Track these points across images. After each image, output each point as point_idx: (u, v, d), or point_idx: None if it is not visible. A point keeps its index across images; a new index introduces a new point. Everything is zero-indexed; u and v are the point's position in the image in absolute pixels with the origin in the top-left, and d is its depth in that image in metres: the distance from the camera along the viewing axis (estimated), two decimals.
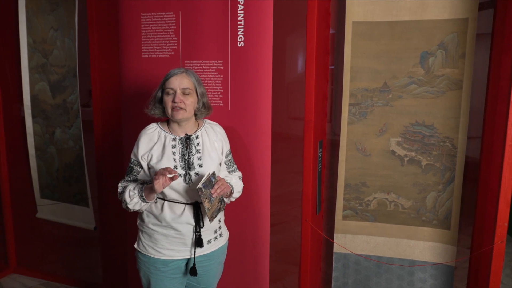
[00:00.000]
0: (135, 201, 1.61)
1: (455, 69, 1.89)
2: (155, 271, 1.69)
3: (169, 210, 1.64)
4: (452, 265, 2.03)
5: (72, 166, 2.72)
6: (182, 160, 1.64)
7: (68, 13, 2.53)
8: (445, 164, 1.98)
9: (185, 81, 1.61)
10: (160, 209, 1.65)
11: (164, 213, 1.64)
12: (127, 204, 1.64)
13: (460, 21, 1.85)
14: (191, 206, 1.66)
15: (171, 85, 1.60)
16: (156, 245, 1.67)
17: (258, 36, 1.95)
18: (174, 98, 1.59)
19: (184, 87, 1.61)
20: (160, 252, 1.67)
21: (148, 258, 1.69)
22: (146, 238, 1.69)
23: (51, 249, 3.02)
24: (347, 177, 2.13)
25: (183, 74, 1.62)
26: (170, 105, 1.61)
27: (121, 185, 1.70)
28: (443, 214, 2.02)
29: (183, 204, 1.65)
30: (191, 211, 1.65)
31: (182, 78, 1.61)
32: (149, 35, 2.13)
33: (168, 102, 1.61)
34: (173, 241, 1.66)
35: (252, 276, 2.17)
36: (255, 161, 2.06)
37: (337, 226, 2.19)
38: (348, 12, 1.99)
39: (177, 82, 1.60)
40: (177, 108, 1.60)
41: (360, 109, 2.06)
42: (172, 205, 1.65)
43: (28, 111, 2.79)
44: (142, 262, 1.71)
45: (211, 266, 1.75)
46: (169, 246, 1.67)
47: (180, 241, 1.66)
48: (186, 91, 1.61)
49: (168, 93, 1.61)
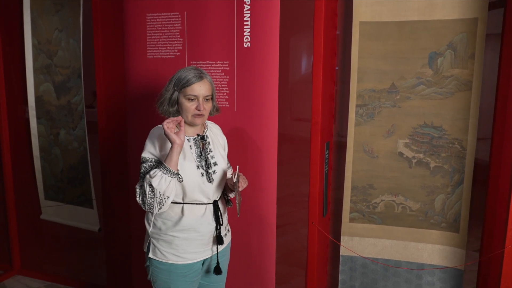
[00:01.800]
0: (158, 175, 1.48)
1: (464, 70, 1.87)
2: (177, 277, 1.65)
3: (190, 213, 1.62)
4: (461, 268, 2.00)
5: (77, 168, 2.70)
6: (199, 159, 1.64)
7: (72, 14, 2.52)
8: (454, 166, 1.95)
9: (207, 88, 1.61)
10: (181, 213, 1.62)
11: (185, 217, 1.62)
12: (150, 182, 1.49)
13: (469, 21, 1.83)
14: (211, 205, 1.66)
15: (194, 92, 1.58)
16: (178, 250, 1.64)
17: (264, 37, 1.94)
18: (198, 106, 1.59)
19: (207, 94, 1.61)
20: (182, 257, 1.64)
21: (169, 266, 1.65)
22: (165, 245, 1.65)
23: (56, 251, 3.01)
24: (354, 179, 2.11)
25: (205, 81, 1.61)
26: (192, 112, 1.60)
27: (138, 186, 1.57)
28: (452, 217, 1.99)
29: (203, 205, 1.64)
30: (211, 211, 1.66)
31: (205, 85, 1.60)
32: (154, 36, 2.11)
33: (190, 108, 1.60)
34: (194, 244, 1.65)
35: (257, 278, 2.15)
36: (261, 162, 2.04)
37: (344, 228, 2.16)
38: (355, 12, 1.97)
39: (200, 90, 1.59)
40: (198, 115, 1.61)
41: (368, 110, 2.04)
42: (193, 207, 1.63)
43: (33, 112, 2.78)
44: (160, 271, 1.66)
45: (223, 262, 1.77)
46: (190, 249, 1.65)
47: (201, 242, 1.66)
48: (207, 97, 1.62)
49: (190, 99, 1.59)
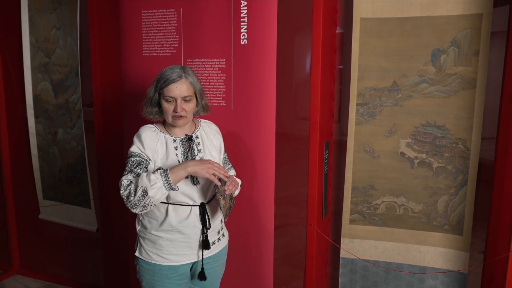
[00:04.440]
0: (158, 186, 1.44)
1: (468, 67, 1.81)
2: (160, 278, 1.62)
3: (175, 214, 1.58)
4: (464, 272, 1.95)
5: (75, 167, 2.68)
6: (185, 161, 1.59)
7: (70, 12, 2.50)
8: (457, 166, 1.90)
9: (185, 88, 1.55)
10: (165, 213, 1.59)
11: (169, 217, 1.58)
12: (146, 189, 1.44)
13: (473, 16, 1.77)
14: (197, 208, 1.60)
15: (171, 94, 1.53)
16: (161, 251, 1.60)
17: (261, 34, 1.89)
18: (176, 107, 1.54)
19: (185, 95, 1.55)
20: (166, 259, 1.61)
21: (153, 266, 1.62)
22: (150, 245, 1.62)
23: (54, 251, 3.00)
24: (355, 180, 2.06)
25: (182, 80, 1.54)
26: (171, 113, 1.56)
27: (127, 179, 1.51)
28: (455, 219, 1.94)
29: (188, 207, 1.59)
30: (197, 213, 1.60)
31: (182, 85, 1.54)
32: (150, 33, 2.07)
33: (168, 110, 1.56)
34: (179, 246, 1.61)
35: (255, 280, 2.11)
36: (258, 162, 2.00)
37: (344, 230, 2.11)
38: (356, 8, 1.92)
39: (177, 91, 1.53)
40: (178, 117, 1.56)
41: (368, 109, 1.98)
42: (177, 208, 1.59)
43: (31, 111, 2.76)
44: (145, 271, 1.64)
45: (215, 268, 1.72)
46: (174, 251, 1.61)
47: (186, 245, 1.61)
48: (187, 98, 1.56)
49: (168, 100, 1.55)
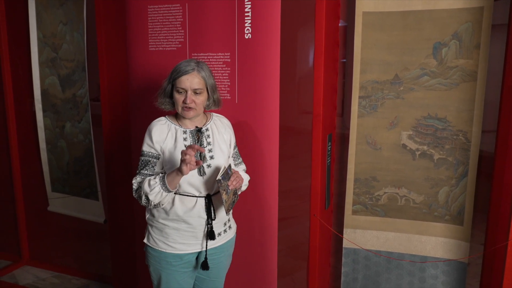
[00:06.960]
0: (156, 191, 1.53)
1: (469, 60, 1.83)
2: (166, 265, 1.67)
3: (181, 204, 1.63)
4: (464, 261, 1.98)
5: (82, 160, 2.73)
6: None
7: (76, 7, 2.53)
8: (458, 158, 1.92)
9: (196, 81, 1.58)
10: (171, 203, 1.64)
11: (175, 207, 1.63)
12: (147, 195, 1.55)
13: (475, 10, 1.79)
14: (203, 199, 1.65)
15: (182, 85, 1.58)
16: (167, 239, 1.66)
17: (265, 28, 1.92)
18: (186, 98, 1.58)
19: (195, 87, 1.58)
20: (171, 247, 1.66)
21: (159, 253, 1.68)
22: (157, 232, 1.68)
23: (63, 242, 3.06)
24: (357, 171, 2.09)
25: (195, 73, 1.58)
26: (181, 104, 1.60)
27: (136, 181, 1.63)
28: (456, 210, 1.97)
29: (194, 197, 1.64)
30: (202, 204, 1.64)
31: (193, 77, 1.58)
32: (156, 28, 2.11)
33: (179, 100, 1.60)
34: (184, 235, 1.65)
35: (260, 271, 2.15)
36: (262, 155, 2.03)
37: (347, 221, 2.15)
38: (359, 2, 1.94)
39: (188, 83, 1.58)
40: (187, 108, 1.60)
41: (371, 101, 2.01)
42: (183, 198, 1.63)
43: (39, 105, 2.81)
44: (152, 257, 1.70)
45: (221, 258, 1.76)
46: (180, 240, 1.66)
47: (192, 234, 1.66)
48: (198, 91, 1.59)
49: (179, 91, 1.60)
